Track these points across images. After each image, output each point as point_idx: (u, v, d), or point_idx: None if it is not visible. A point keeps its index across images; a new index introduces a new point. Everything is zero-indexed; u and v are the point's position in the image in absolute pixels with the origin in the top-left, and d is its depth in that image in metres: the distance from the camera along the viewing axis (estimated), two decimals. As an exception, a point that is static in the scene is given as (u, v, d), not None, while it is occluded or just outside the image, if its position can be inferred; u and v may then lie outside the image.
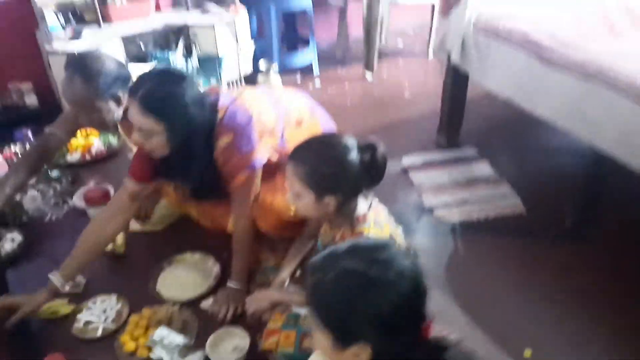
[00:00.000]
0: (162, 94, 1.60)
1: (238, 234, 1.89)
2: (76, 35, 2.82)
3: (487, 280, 1.99)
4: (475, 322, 1.80)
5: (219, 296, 1.87)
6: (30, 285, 1.87)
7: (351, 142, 1.52)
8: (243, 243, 1.88)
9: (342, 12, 3.93)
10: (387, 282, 0.94)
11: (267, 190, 1.90)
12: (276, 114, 1.85)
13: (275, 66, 3.31)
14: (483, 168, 2.60)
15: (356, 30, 4.02)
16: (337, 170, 1.47)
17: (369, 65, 3.64)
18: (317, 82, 3.66)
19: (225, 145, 1.73)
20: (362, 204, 1.60)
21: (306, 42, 3.76)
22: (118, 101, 1.92)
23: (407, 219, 2.29)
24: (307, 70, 3.74)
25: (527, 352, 1.70)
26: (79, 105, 1.91)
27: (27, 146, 2.67)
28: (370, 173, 1.50)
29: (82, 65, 1.87)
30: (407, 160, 2.68)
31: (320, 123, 2.01)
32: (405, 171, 2.62)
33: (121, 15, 2.99)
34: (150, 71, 1.71)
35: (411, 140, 2.90)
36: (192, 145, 1.71)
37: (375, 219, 1.57)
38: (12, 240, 2.15)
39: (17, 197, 2.32)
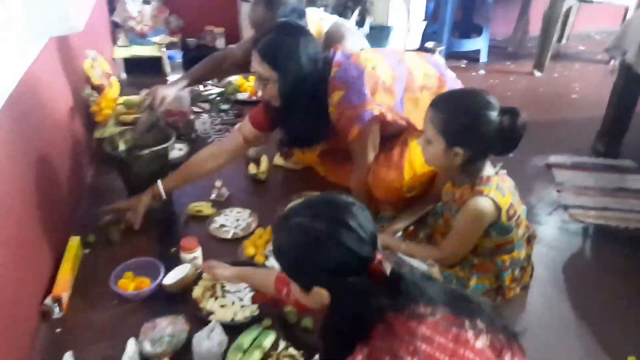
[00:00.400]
0: (279, 44, 1.75)
1: (355, 184, 2.02)
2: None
3: (605, 286, 1.88)
4: (581, 321, 1.73)
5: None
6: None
7: (494, 101, 1.54)
8: (360, 194, 2.00)
9: (524, 6, 3.82)
10: (330, 236, 1.04)
11: (382, 163, 1.95)
12: (395, 74, 1.88)
13: (441, 49, 3.36)
14: (638, 182, 2.41)
15: (537, 28, 3.87)
16: (472, 123, 1.51)
17: (540, 63, 3.51)
18: (482, 71, 3.62)
19: (338, 99, 1.82)
20: (489, 168, 1.63)
21: (479, 31, 3.73)
22: None
23: (538, 210, 2.24)
24: (473, 58, 3.72)
25: (632, 359, 1.60)
26: (257, 27, 2.17)
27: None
28: (505, 138, 1.52)
29: None
30: (555, 158, 2.58)
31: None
32: (549, 167, 2.53)
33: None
34: (274, 24, 1.87)
35: (566, 141, 2.78)
36: (301, 96, 1.81)
37: (499, 184, 1.60)
38: (180, 149, 2.52)
39: (191, 116, 2.71)
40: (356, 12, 3.39)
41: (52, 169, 1.95)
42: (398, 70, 1.88)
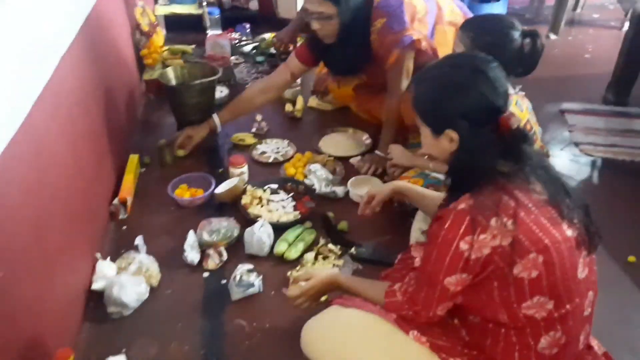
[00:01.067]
0: None
1: (388, 110, 2.19)
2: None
3: (611, 206, 2.10)
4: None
5: (366, 157, 2.25)
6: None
7: (518, 24, 1.74)
8: (391, 119, 2.18)
9: None
10: (470, 82, 1.15)
11: None
12: (427, 7, 2.10)
13: (462, 12, 3.54)
14: (645, 125, 2.60)
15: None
16: (498, 40, 1.66)
17: (554, 28, 3.68)
18: (500, 34, 3.79)
19: (380, 27, 2.03)
20: (509, 88, 1.82)
21: (498, -1, 3.90)
22: None
23: (551, 147, 2.43)
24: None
25: (632, 258, 1.81)
26: None
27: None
28: (526, 58, 1.68)
29: None
30: (568, 105, 2.77)
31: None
32: (562, 112, 2.72)
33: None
34: None
35: (579, 92, 2.96)
36: (354, 28, 2.02)
37: (517, 101, 1.79)
38: (221, 92, 2.75)
39: (232, 62, 2.94)
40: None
41: (112, 99, 2.18)
42: (429, 4, 2.10)
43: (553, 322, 1.12)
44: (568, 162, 2.35)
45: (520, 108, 1.78)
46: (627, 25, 3.64)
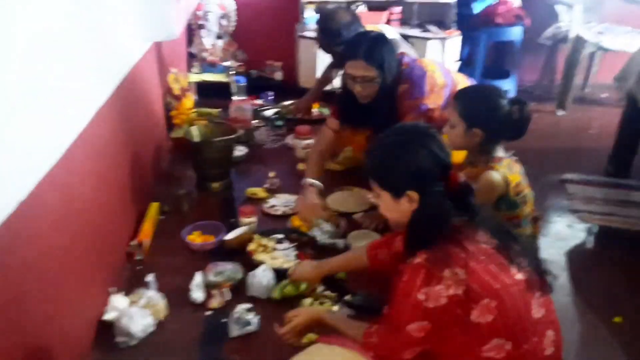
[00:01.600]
0: (380, 49, 2.20)
1: None
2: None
3: (602, 270, 2.19)
4: (578, 290, 2.02)
5: (368, 214, 2.39)
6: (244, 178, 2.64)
7: (504, 93, 1.92)
8: None
9: (551, 53, 4.17)
10: (418, 144, 1.31)
11: None
12: (445, 80, 2.32)
13: (473, 86, 3.77)
14: (643, 197, 2.69)
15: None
16: (488, 108, 1.85)
17: (562, 104, 3.85)
18: (509, 109, 3.99)
19: (402, 91, 2.26)
20: (501, 152, 1.97)
21: (508, 76, 4.12)
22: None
23: (549, 213, 2.54)
24: (503, 99, 4.09)
25: (617, 319, 1.87)
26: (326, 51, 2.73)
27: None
28: (515, 123, 1.85)
29: (321, 23, 2.76)
30: (569, 175, 2.89)
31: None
32: (562, 182, 2.84)
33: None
34: (364, 33, 2.35)
35: (581, 164, 3.08)
36: (389, 90, 2.25)
37: (509, 165, 1.93)
38: (240, 150, 2.97)
39: (252, 126, 3.19)
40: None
41: (140, 151, 2.42)
42: (447, 79, 2.32)
43: None
44: (564, 227, 2.45)
45: (510, 171, 1.92)
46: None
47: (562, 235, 2.39)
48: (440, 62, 3.48)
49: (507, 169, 1.92)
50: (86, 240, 1.69)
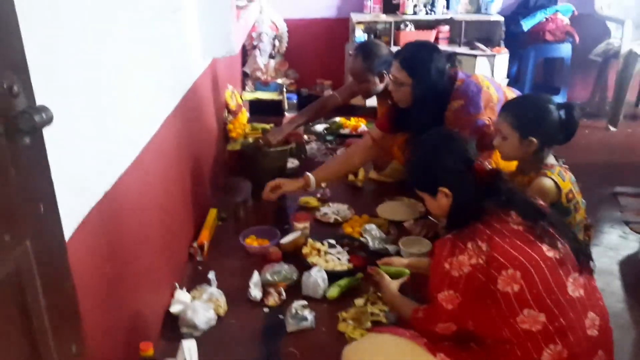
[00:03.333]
0: (416, 56, 2.29)
1: None
2: (371, 48, 3.84)
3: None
4: (631, 297, 2.02)
5: (419, 222, 2.45)
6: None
7: (552, 99, 1.96)
8: None
9: (602, 69, 4.14)
10: (443, 147, 1.53)
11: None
12: (498, 95, 2.37)
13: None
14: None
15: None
16: (539, 115, 1.89)
17: (613, 120, 3.82)
18: (560, 126, 3.97)
19: (458, 107, 2.30)
20: (552, 159, 2.01)
21: (558, 92, 4.12)
22: (381, 77, 2.69)
23: (602, 225, 2.53)
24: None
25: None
26: (355, 75, 2.75)
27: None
28: (565, 127, 1.89)
29: (365, 48, 2.73)
30: (621, 188, 2.87)
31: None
32: (614, 195, 2.82)
33: (407, 39, 3.88)
34: (412, 42, 2.44)
35: (633, 179, 3.03)
36: (427, 101, 2.31)
37: (560, 171, 1.96)
38: (292, 163, 3.09)
39: (304, 140, 3.31)
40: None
41: (201, 160, 2.56)
42: (500, 94, 2.36)
43: (551, 336, 1.26)
44: (617, 237, 2.43)
45: (562, 178, 1.95)
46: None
47: (614, 244, 2.37)
48: (491, 77, 3.52)
49: (558, 176, 1.95)
50: (156, 236, 1.82)
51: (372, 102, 3.89)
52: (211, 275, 2.03)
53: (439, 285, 1.39)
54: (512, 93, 2.50)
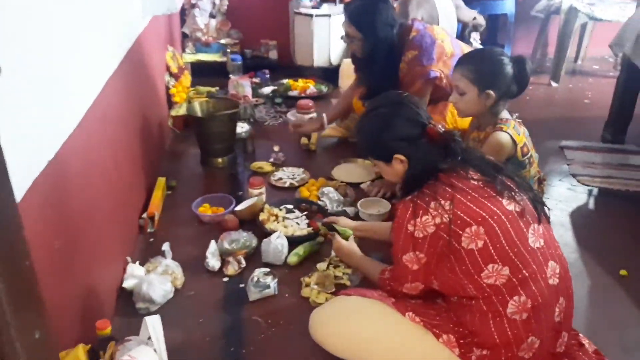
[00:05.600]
0: (362, 11, 2.27)
1: None
2: (317, 6, 3.70)
3: (605, 229, 2.26)
4: (583, 247, 2.08)
5: (376, 182, 2.42)
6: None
7: (505, 52, 1.95)
8: None
9: (544, 25, 4.18)
10: (392, 114, 1.48)
11: (429, 112, 2.41)
12: (454, 50, 2.35)
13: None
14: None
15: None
16: (496, 68, 1.87)
17: (555, 76, 3.91)
18: (504, 83, 4.04)
19: (412, 57, 2.30)
20: (506, 113, 2.01)
21: (502, 48, 4.15)
22: None
23: (550, 178, 2.59)
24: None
25: (623, 272, 1.93)
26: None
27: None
28: (518, 80, 1.88)
29: None
30: (567, 142, 2.94)
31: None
32: (561, 148, 2.89)
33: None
34: None
35: (578, 132, 3.13)
36: (379, 52, 2.30)
37: (515, 126, 1.97)
38: (242, 127, 2.97)
39: (254, 104, 3.20)
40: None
41: (147, 126, 2.41)
42: (456, 49, 2.35)
43: (514, 287, 1.28)
44: (566, 190, 2.50)
45: (517, 131, 1.96)
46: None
47: (564, 197, 2.44)
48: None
49: (514, 130, 1.96)
50: (105, 207, 1.69)
51: (320, 61, 3.85)
52: (165, 246, 1.93)
53: (404, 247, 1.38)
54: (470, 49, 2.49)
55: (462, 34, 3.49)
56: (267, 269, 1.83)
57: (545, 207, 1.41)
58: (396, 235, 1.41)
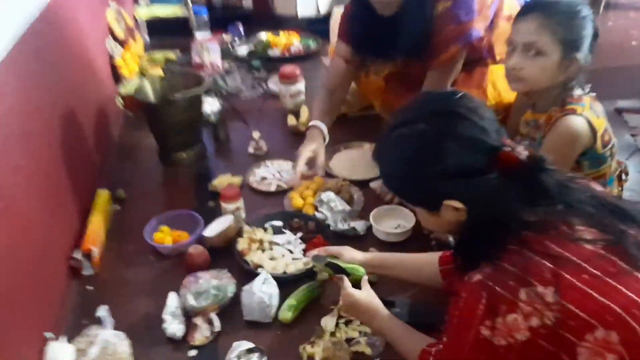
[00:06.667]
0: None
1: None
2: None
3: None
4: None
5: (390, 180, 1.82)
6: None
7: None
8: None
9: None
10: (439, 133, 0.91)
11: (461, 83, 1.80)
12: None
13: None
14: None
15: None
16: (584, 24, 1.33)
17: (594, 10, 3.26)
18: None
19: (444, 10, 1.62)
20: (578, 89, 1.41)
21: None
22: None
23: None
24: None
25: None
26: None
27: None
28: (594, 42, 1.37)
29: None
30: (624, 103, 2.34)
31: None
32: (618, 112, 2.29)
33: None
34: None
35: (632, 87, 2.53)
36: (414, 2, 1.62)
37: (591, 104, 1.39)
38: (211, 106, 2.29)
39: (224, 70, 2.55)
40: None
41: (78, 121, 1.79)
42: None
43: None
44: (637, 174, 1.91)
45: (595, 113, 1.38)
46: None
47: (635, 187, 1.83)
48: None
49: (591, 112, 1.37)
50: (10, 257, 1.09)
51: (305, 10, 3.16)
52: (102, 311, 1.34)
53: (473, 357, 0.88)
54: None
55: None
56: (251, 344, 1.26)
57: None
58: (461, 336, 0.89)
